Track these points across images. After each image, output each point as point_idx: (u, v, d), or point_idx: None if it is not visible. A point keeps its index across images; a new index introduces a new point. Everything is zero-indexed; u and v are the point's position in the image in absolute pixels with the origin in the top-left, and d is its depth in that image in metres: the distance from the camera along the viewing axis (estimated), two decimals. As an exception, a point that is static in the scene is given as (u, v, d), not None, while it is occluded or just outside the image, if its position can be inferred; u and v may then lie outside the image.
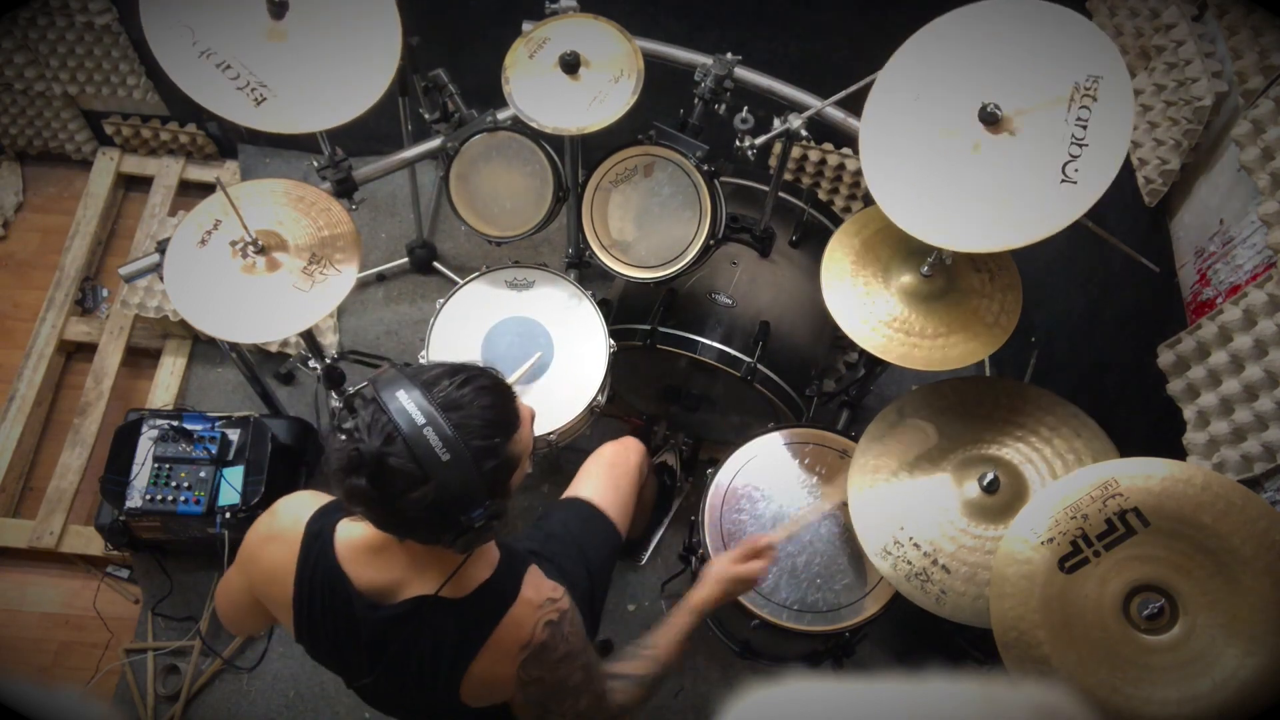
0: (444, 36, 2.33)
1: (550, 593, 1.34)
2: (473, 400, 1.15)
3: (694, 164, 1.93)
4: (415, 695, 1.37)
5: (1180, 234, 1.82)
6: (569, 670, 1.33)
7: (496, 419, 1.17)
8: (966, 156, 1.55)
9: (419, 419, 1.10)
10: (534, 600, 1.31)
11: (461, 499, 1.13)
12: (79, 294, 2.93)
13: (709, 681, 2.37)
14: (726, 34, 2.45)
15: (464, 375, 1.18)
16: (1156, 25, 1.80)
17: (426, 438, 1.10)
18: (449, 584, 1.25)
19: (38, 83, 2.87)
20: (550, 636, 1.30)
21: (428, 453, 1.09)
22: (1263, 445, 1.51)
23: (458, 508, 1.14)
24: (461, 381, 1.17)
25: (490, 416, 1.16)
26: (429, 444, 1.09)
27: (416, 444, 1.09)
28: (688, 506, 2.56)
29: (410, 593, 1.26)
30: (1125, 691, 1.37)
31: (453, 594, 1.27)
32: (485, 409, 1.16)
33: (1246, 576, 1.35)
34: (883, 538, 1.74)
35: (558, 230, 2.69)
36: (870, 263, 1.88)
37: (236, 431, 2.26)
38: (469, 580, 1.29)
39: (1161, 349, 1.78)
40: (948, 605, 1.67)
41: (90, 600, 2.51)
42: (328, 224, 1.92)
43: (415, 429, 1.10)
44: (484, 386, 1.18)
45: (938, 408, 1.83)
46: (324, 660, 1.42)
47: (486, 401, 1.17)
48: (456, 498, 1.12)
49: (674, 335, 2.15)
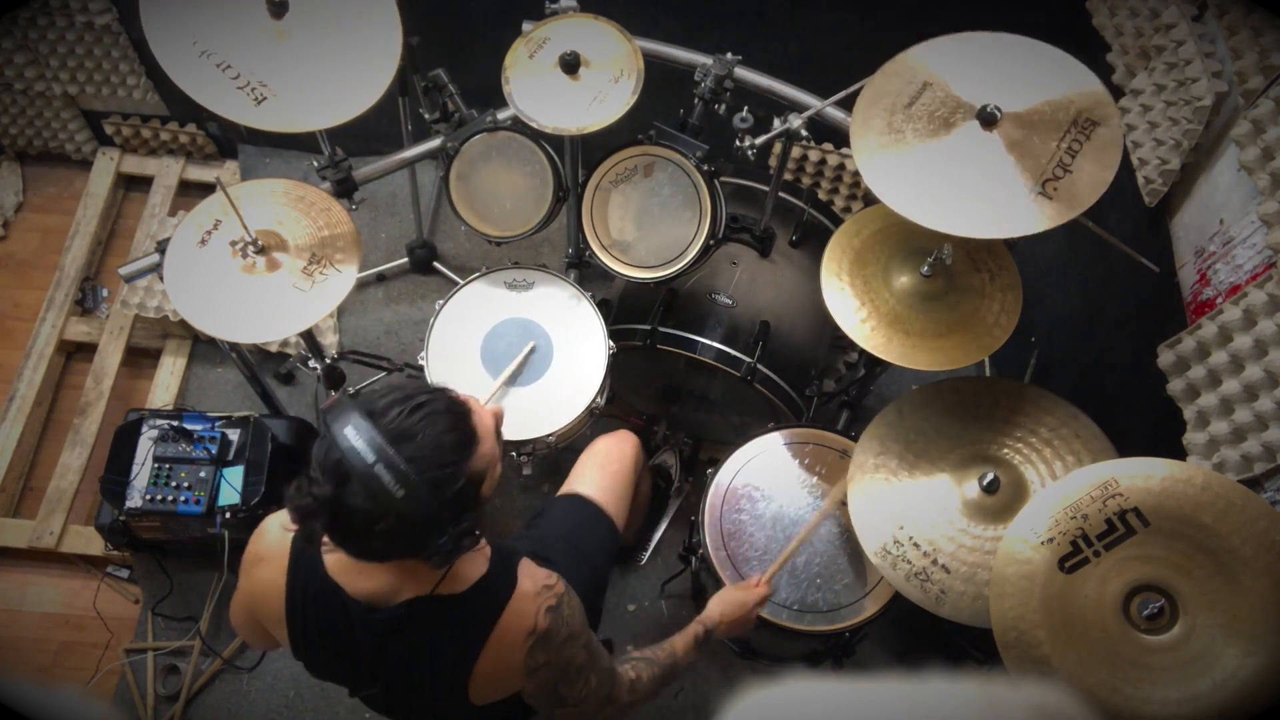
0: (444, 36, 2.33)
1: (545, 580, 1.36)
2: (425, 429, 1.12)
3: (694, 164, 1.93)
4: (422, 699, 1.37)
5: (1180, 234, 1.82)
6: (573, 651, 1.35)
7: (451, 443, 1.14)
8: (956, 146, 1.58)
9: (369, 457, 1.08)
10: (531, 590, 1.32)
11: (425, 527, 1.13)
12: (79, 294, 2.93)
13: (709, 681, 2.37)
14: (726, 34, 2.45)
15: (414, 401, 1.15)
16: (1156, 25, 1.80)
17: (378, 475, 1.08)
18: (445, 582, 1.26)
19: (38, 83, 2.86)
20: (552, 622, 1.32)
21: (381, 490, 1.08)
22: (1263, 445, 1.51)
23: (423, 535, 1.14)
24: (412, 409, 1.13)
25: (444, 442, 1.13)
26: (382, 481, 1.08)
27: (370, 482, 1.08)
28: (688, 506, 2.56)
29: (406, 595, 1.26)
30: (1125, 691, 1.37)
31: (450, 590, 1.27)
32: (438, 436, 1.13)
33: (1246, 576, 1.35)
34: (882, 537, 1.74)
35: (558, 230, 2.69)
36: (870, 263, 1.88)
37: (236, 431, 2.26)
38: (465, 577, 1.29)
39: (1161, 349, 1.78)
40: (947, 605, 1.67)
41: (90, 600, 2.51)
42: (328, 224, 1.92)
43: (366, 467, 1.08)
44: (436, 412, 1.15)
45: (938, 408, 1.83)
46: (325, 674, 1.42)
47: (440, 428, 1.14)
48: (420, 526, 1.12)
49: (674, 335, 2.15)
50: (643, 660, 1.52)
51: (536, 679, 1.32)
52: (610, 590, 2.44)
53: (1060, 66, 1.60)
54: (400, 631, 1.28)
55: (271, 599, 1.33)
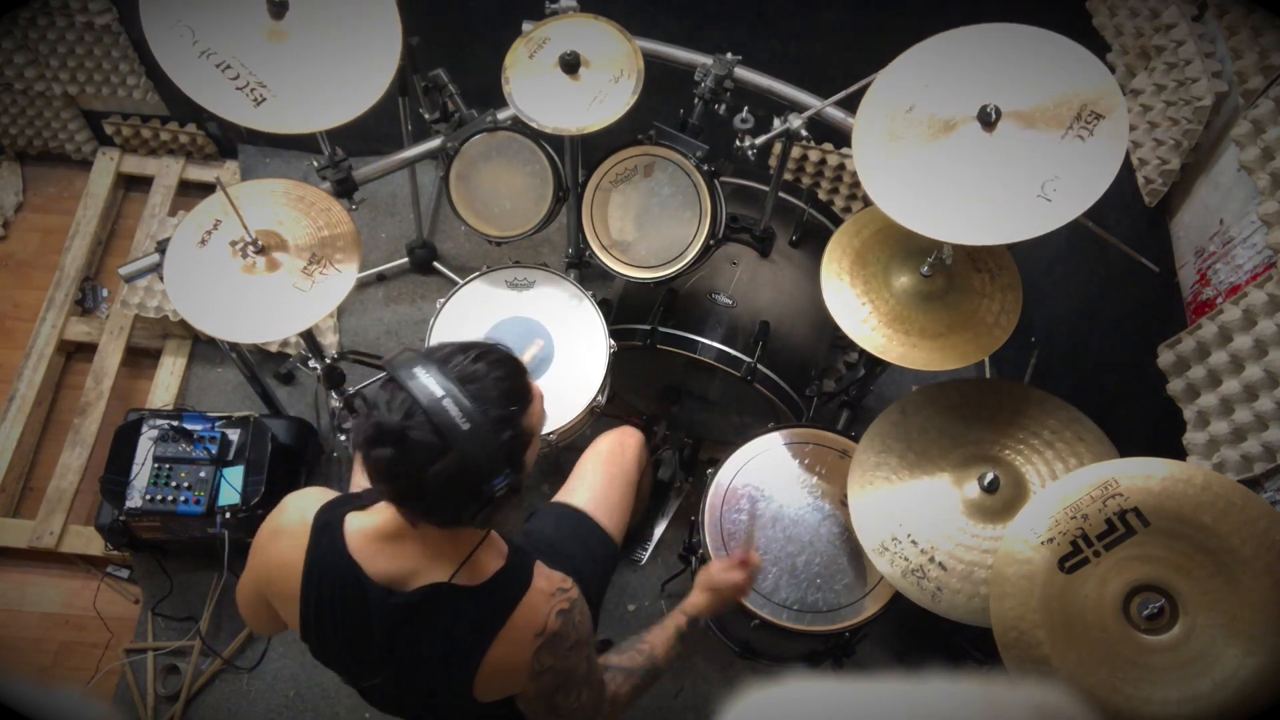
0: (444, 36, 2.33)
1: (560, 582, 1.36)
2: (487, 373, 1.18)
3: (694, 164, 1.93)
4: (427, 690, 1.37)
5: (1180, 234, 1.82)
6: (578, 659, 1.34)
7: (511, 390, 1.20)
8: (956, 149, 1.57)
9: (437, 392, 1.13)
10: (546, 589, 1.33)
11: (483, 468, 1.15)
12: (79, 294, 2.93)
13: (709, 681, 2.37)
14: (726, 34, 2.45)
15: (477, 350, 1.21)
16: (1156, 25, 1.80)
17: (446, 409, 1.12)
18: (463, 572, 1.26)
19: (38, 83, 2.87)
20: (563, 625, 1.32)
21: (448, 423, 1.12)
22: (1263, 445, 1.51)
23: (479, 477, 1.16)
24: (475, 356, 1.20)
25: (506, 387, 1.19)
26: (449, 415, 1.12)
27: (436, 415, 1.11)
28: (688, 506, 2.56)
29: (424, 580, 1.26)
30: (1125, 691, 1.37)
31: (467, 582, 1.27)
32: (500, 380, 1.19)
33: (1246, 576, 1.35)
34: (880, 534, 1.74)
35: (558, 230, 2.69)
36: (870, 263, 1.88)
37: (236, 431, 2.26)
38: (482, 569, 1.29)
39: (1161, 349, 1.78)
40: (943, 602, 1.67)
41: (90, 600, 2.51)
42: (328, 224, 1.92)
43: (434, 401, 1.12)
44: (497, 359, 1.22)
45: (940, 408, 1.83)
46: (330, 657, 1.41)
47: (501, 374, 1.20)
48: (478, 467, 1.15)
49: (674, 335, 2.15)
50: (621, 671, 1.49)
51: (539, 683, 1.32)
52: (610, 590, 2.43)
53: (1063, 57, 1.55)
54: (414, 617, 1.28)
55: (288, 573, 1.32)
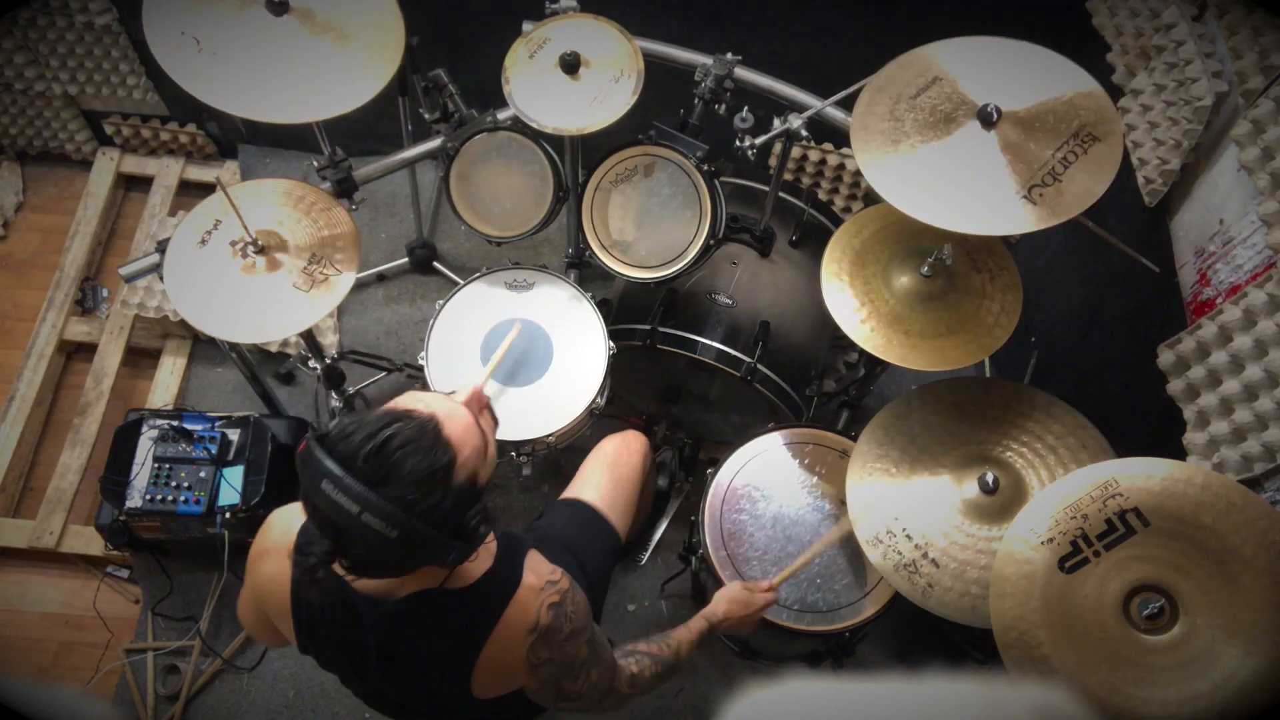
0: (444, 36, 2.33)
1: (550, 575, 1.36)
2: (398, 463, 1.09)
3: (694, 164, 1.93)
4: (425, 693, 1.37)
5: (1180, 234, 1.82)
6: (576, 647, 1.35)
7: (427, 471, 1.11)
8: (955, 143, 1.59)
9: (353, 509, 1.07)
10: (535, 585, 1.33)
11: (429, 547, 1.14)
12: (79, 294, 2.93)
13: (709, 681, 2.37)
14: (726, 34, 2.45)
15: (383, 435, 1.10)
16: (1156, 25, 1.80)
17: (368, 524, 1.07)
18: (451, 576, 1.26)
19: (38, 83, 2.86)
20: (554, 618, 1.32)
21: (376, 535, 1.08)
22: (1263, 445, 1.51)
23: (431, 553, 1.15)
24: (379, 446, 1.09)
25: (421, 471, 1.10)
26: (372, 529, 1.07)
27: (362, 531, 1.08)
28: (688, 506, 2.56)
29: (411, 588, 1.27)
30: (1125, 691, 1.36)
31: (455, 585, 1.27)
32: (414, 468, 1.10)
33: (1246, 576, 1.35)
34: (876, 526, 1.75)
35: (558, 230, 2.69)
36: (870, 263, 1.88)
37: (236, 431, 2.26)
38: (470, 572, 1.29)
39: (1161, 349, 1.78)
40: (933, 599, 1.68)
41: (90, 600, 2.51)
42: (328, 224, 1.92)
43: (353, 519, 1.07)
44: (405, 441, 1.11)
45: (940, 407, 1.83)
46: (333, 667, 1.42)
47: (413, 459, 1.10)
48: (424, 548, 1.14)
49: (674, 335, 2.15)
50: (646, 655, 1.51)
51: (539, 676, 1.33)
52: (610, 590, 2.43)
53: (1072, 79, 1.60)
54: (405, 625, 1.28)
55: (278, 592, 1.33)
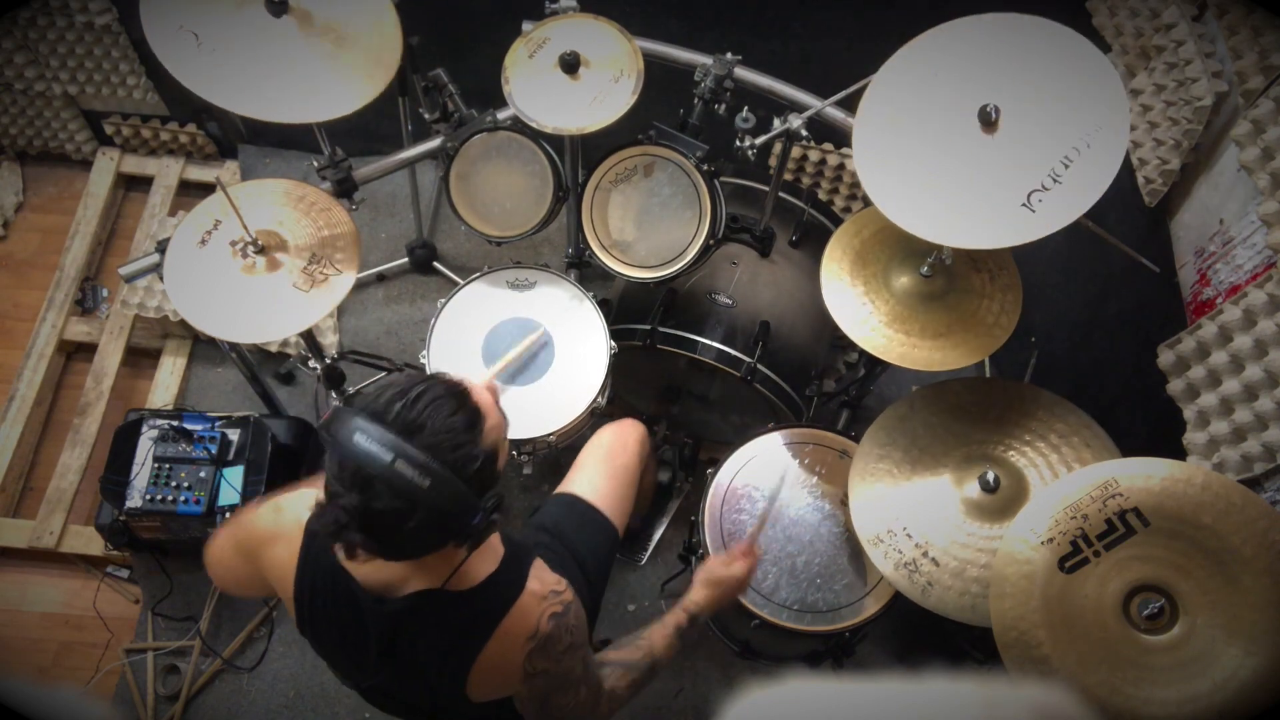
0: (444, 36, 2.33)
1: (554, 585, 1.36)
2: (430, 416, 1.12)
3: (694, 164, 1.93)
4: (422, 691, 1.37)
5: (1180, 234, 1.82)
6: (572, 662, 1.34)
7: (460, 424, 1.14)
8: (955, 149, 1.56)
9: (385, 456, 1.07)
10: (539, 592, 1.33)
11: (457, 510, 1.13)
12: (79, 294, 2.93)
13: (709, 681, 2.37)
14: (726, 34, 2.45)
15: (414, 392, 1.14)
16: (1156, 25, 1.80)
17: (400, 472, 1.07)
18: (455, 577, 1.26)
19: (38, 83, 2.86)
20: (555, 629, 1.32)
21: (407, 485, 1.08)
22: (1263, 445, 1.51)
23: (457, 517, 1.14)
24: (414, 399, 1.13)
25: (453, 423, 1.13)
26: (405, 478, 1.07)
27: (393, 481, 1.07)
28: (688, 506, 2.56)
29: (414, 587, 1.27)
30: (1125, 691, 1.37)
31: (458, 587, 1.27)
32: (446, 419, 1.13)
33: (1246, 576, 1.35)
34: (877, 526, 1.75)
35: (558, 230, 2.69)
36: (870, 263, 1.88)
37: (236, 431, 2.26)
38: (474, 574, 1.29)
39: (1161, 349, 1.78)
40: (933, 597, 1.68)
41: (90, 600, 2.51)
42: (328, 224, 1.92)
43: (386, 468, 1.07)
44: (437, 397, 1.14)
45: (943, 407, 1.83)
46: (328, 655, 1.42)
47: (445, 411, 1.13)
48: (451, 512, 1.13)
49: (674, 335, 2.15)
50: (620, 666, 1.47)
51: (531, 685, 1.32)
52: (610, 590, 2.44)
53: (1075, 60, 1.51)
54: (407, 622, 1.28)
55: (283, 576, 1.34)
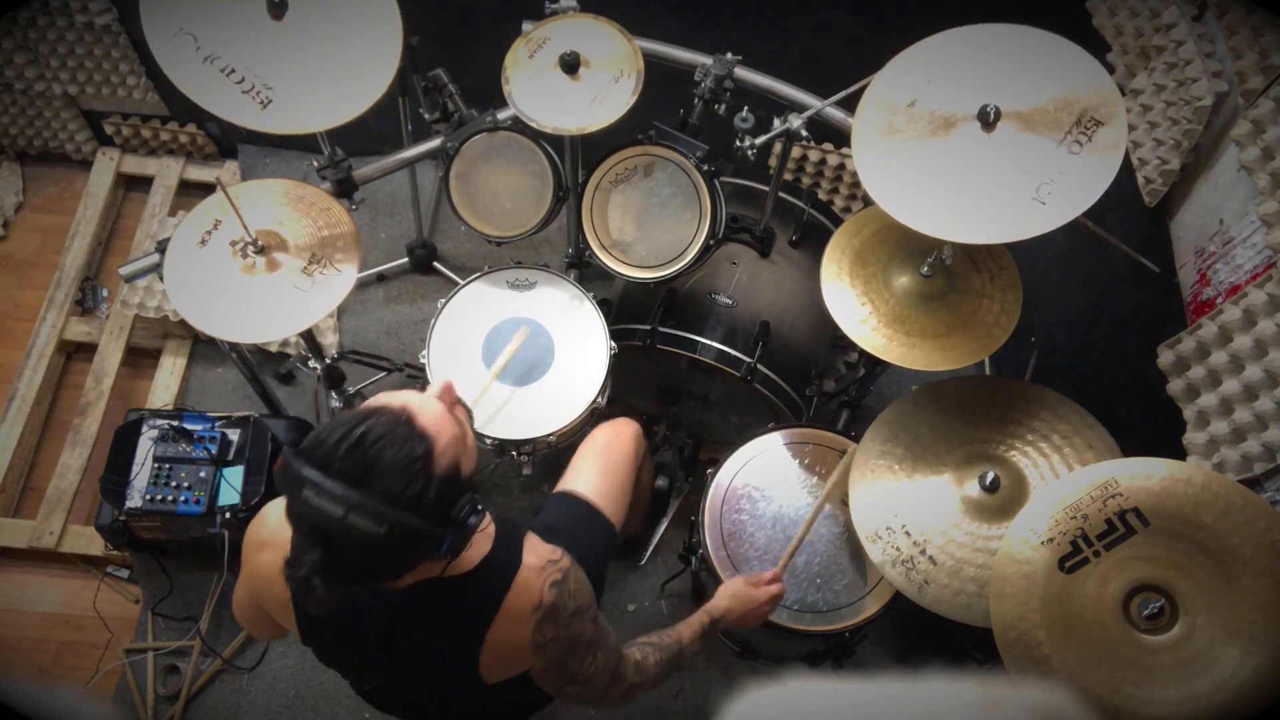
0: (444, 36, 2.33)
1: (550, 555, 1.36)
2: (375, 458, 1.08)
3: (694, 164, 1.93)
4: (431, 681, 1.37)
5: (1180, 234, 1.82)
6: (581, 625, 1.35)
7: (406, 459, 1.10)
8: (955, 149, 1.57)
9: (336, 511, 1.06)
10: (536, 564, 1.33)
11: (421, 541, 1.12)
12: (79, 294, 2.93)
13: (709, 681, 2.37)
14: (726, 34, 2.45)
15: (356, 433, 1.10)
16: (1156, 25, 1.80)
17: (354, 523, 1.06)
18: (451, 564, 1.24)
19: (38, 83, 2.86)
20: (558, 595, 1.32)
21: (364, 534, 1.07)
22: (1263, 445, 1.51)
23: (424, 546, 1.14)
24: (354, 444, 1.09)
25: (399, 462, 1.09)
26: (360, 527, 1.06)
27: (350, 533, 1.06)
28: (688, 506, 2.56)
29: (411, 579, 1.26)
30: (1125, 691, 1.37)
31: (455, 571, 1.26)
32: (392, 459, 1.09)
33: (1246, 576, 1.35)
34: (876, 522, 1.76)
35: (558, 230, 2.69)
36: (870, 263, 1.88)
37: (236, 431, 2.26)
38: (470, 557, 1.29)
39: (1161, 349, 1.78)
40: (929, 595, 1.68)
41: (90, 600, 2.51)
42: (328, 224, 1.92)
43: (338, 522, 1.06)
44: (381, 435, 1.10)
45: (944, 406, 1.83)
46: (333, 661, 1.42)
47: (390, 450, 1.09)
48: (417, 542, 1.12)
49: (674, 335, 2.15)
50: (650, 645, 1.52)
51: (544, 654, 1.33)
52: (610, 590, 2.44)
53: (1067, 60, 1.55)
54: (406, 613, 1.28)
55: (277, 584, 1.31)
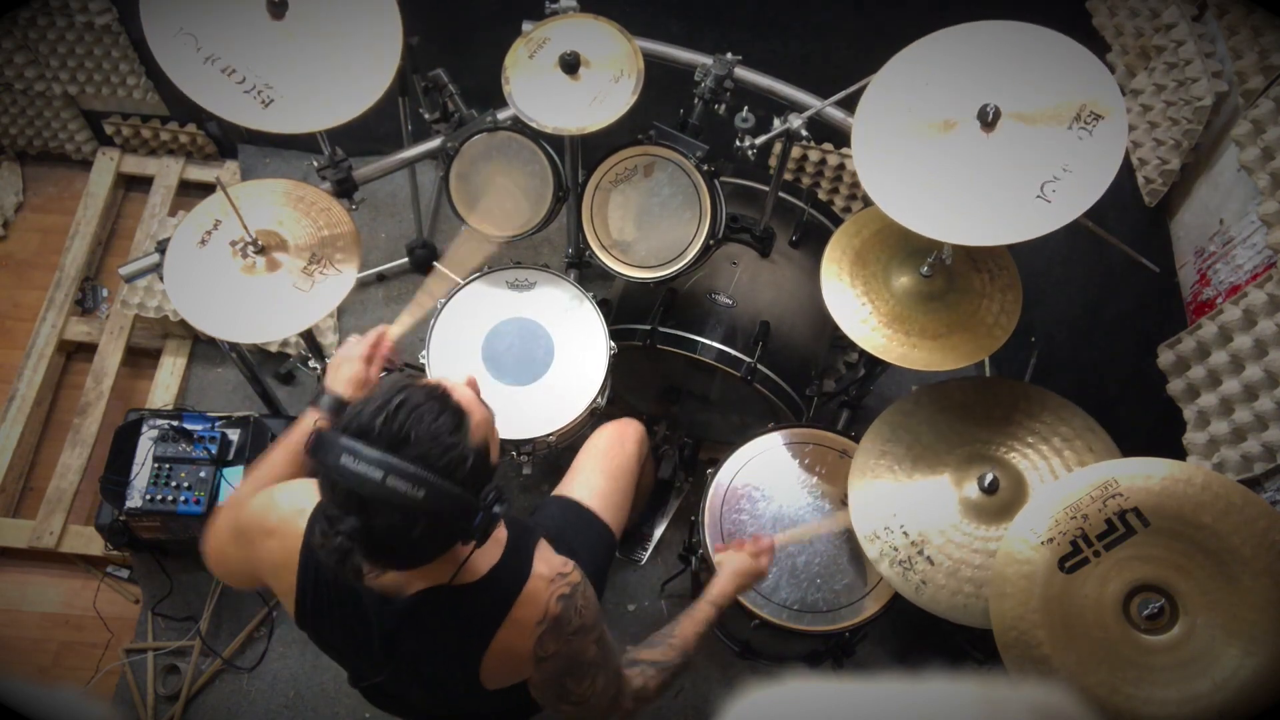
0: (444, 36, 2.33)
1: (561, 567, 1.35)
2: (414, 424, 1.10)
3: (694, 164, 1.93)
4: (432, 683, 1.37)
5: (1180, 234, 1.82)
6: (584, 644, 1.33)
7: (446, 427, 1.12)
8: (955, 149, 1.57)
9: (375, 474, 1.06)
10: (546, 575, 1.32)
11: (457, 512, 1.13)
12: (79, 294, 2.93)
13: (709, 681, 2.37)
14: (726, 34, 2.45)
15: (394, 403, 1.12)
16: (1156, 25, 1.80)
17: (393, 487, 1.06)
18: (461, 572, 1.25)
19: (38, 83, 2.86)
20: (564, 610, 1.31)
21: (402, 499, 1.07)
22: (1263, 445, 1.51)
23: (457, 522, 1.14)
24: (394, 410, 1.11)
25: (438, 429, 1.11)
26: (399, 492, 1.07)
27: (388, 498, 1.07)
28: (688, 506, 2.56)
29: (420, 585, 1.26)
30: (1125, 691, 1.37)
31: (463, 580, 1.26)
32: (430, 426, 1.11)
33: (1246, 576, 1.36)
34: (875, 522, 1.76)
35: (558, 230, 2.69)
36: (870, 263, 1.88)
37: (236, 431, 2.26)
38: (479, 565, 1.28)
39: (1161, 349, 1.78)
40: (925, 595, 1.68)
41: (90, 600, 2.51)
42: (328, 224, 1.92)
43: (378, 486, 1.06)
44: (416, 404, 1.12)
45: (944, 407, 1.83)
46: (330, 651, 1.42)
47: (428, 418, 1.12)
48: (451, 516, 1.12)
49: (674, 335, 2.15)
50: (651, 665, 1.47)
51: (543, 669, 1.32)
52: (610, 590, 2.44)
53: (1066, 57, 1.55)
54: (414, 622, 1.28)
55: (283, 572, 1.32)
